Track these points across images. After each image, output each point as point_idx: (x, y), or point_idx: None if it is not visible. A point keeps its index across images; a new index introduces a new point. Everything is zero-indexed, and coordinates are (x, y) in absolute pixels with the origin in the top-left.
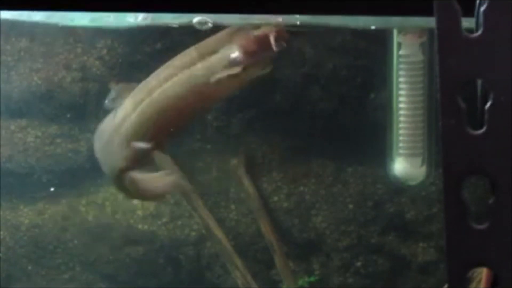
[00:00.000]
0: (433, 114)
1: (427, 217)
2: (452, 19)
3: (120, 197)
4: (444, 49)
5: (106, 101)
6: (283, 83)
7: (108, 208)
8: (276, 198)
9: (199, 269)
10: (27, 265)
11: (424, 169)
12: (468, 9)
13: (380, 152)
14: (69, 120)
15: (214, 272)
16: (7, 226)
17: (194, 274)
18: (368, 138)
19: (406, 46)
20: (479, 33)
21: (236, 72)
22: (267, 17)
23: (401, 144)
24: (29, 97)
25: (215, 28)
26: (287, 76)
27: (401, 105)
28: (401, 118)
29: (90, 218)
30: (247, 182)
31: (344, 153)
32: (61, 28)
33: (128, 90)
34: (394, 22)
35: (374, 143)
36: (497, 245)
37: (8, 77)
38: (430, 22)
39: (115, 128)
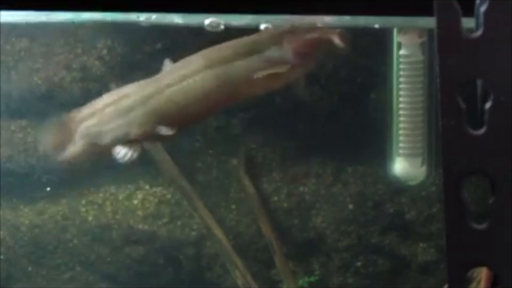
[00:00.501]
0: (433, 114)
1: (427, 217)
2: (452, 19)
3: (120, 197)
4: (444, 49)
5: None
6: None
7: (108, 208)
8: (276, 198)
9: (199, 269)
10: (27, 265)
11: (424, 169)
12: (468, 9)
13: (380, 152)
14: None
15: (214, 272)
16: (7, 226)
17: (194, 274)
18: (368, 138)
19: (406, 46)
20: (479, 33)
21: (283, 71)
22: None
23: (401, 144)
24: (29, 97)
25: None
26: None
27: (401, 105)
28: (401, 118)
29: (90, 218)
30: (247, 182)
31: (344, 153)
32: (61, 28)
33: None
34: (392, 22)
35: (374, 143)
36: (497, 245)
37: (8, 77)
38: (430, 22)
39: (142, 98)
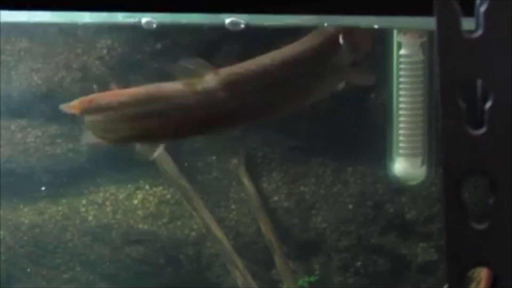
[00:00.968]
0: (433, 114)
1: (427, 217)
2: (452, 19)
3: (120, 197)
4: (444, 49)
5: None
6: None
7: (108, 208)
8: (276, 198)
9: (199, 269)
10: (27, 265)
11: (424, 169)
12: (468, 9)
13: (380, 152)
14: (69, 120)
15: (214, 272)
16: (7, 226)
17: (194, 274)
18: (368, 138)
19: (406, 46)
20: (479, 33)
21: (368, 80)
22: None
23: (401, 144)
24: (29, 97)
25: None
26: None
27: (401, 105)
28: (401, 118)
29: (90, 218)
30: (247, 182)
31: (344, 153)
32: (61, 28)
33: (204, 67)
34: (392, 22)
35: (374, 143)
36: (497, 245)
37: (8, 77)
38: (430, 23)
39: (194, 96)
